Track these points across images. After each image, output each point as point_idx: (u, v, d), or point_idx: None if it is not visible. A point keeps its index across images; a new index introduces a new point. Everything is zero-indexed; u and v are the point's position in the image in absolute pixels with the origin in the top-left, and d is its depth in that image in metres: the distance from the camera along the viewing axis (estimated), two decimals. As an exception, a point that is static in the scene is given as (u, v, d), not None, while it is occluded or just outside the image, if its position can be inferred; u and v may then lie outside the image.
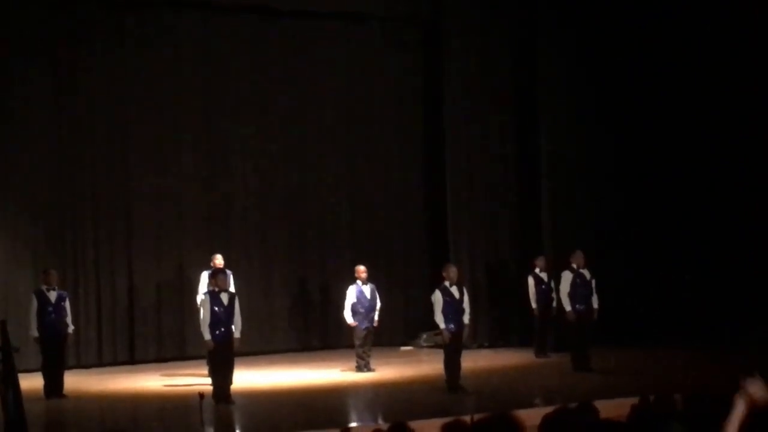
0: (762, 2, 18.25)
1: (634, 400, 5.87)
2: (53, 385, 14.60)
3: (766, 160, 18.38)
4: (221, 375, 13.65)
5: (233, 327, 13.76)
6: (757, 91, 18.43)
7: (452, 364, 14.12)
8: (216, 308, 13.66)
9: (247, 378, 15.11)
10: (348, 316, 16.42)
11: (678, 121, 19.02)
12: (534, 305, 17.73)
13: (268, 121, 19.87)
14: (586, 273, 15.97)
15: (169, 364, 17.81)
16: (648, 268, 18.85)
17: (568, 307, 15.87)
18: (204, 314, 13.85)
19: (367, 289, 16.55)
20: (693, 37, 18.74)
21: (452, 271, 14.33)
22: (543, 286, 17.72)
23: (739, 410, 4.34)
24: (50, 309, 14.78)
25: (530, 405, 12.51)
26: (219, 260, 15.97)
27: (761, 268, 17.96)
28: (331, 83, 20.27)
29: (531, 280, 17.80)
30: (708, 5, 18.57)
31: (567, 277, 15.96)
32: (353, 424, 12.04)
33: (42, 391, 14.48)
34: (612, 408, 5.17)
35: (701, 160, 18.94)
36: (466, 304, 14.17)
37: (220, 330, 13.61)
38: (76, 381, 15.54)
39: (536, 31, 19.44)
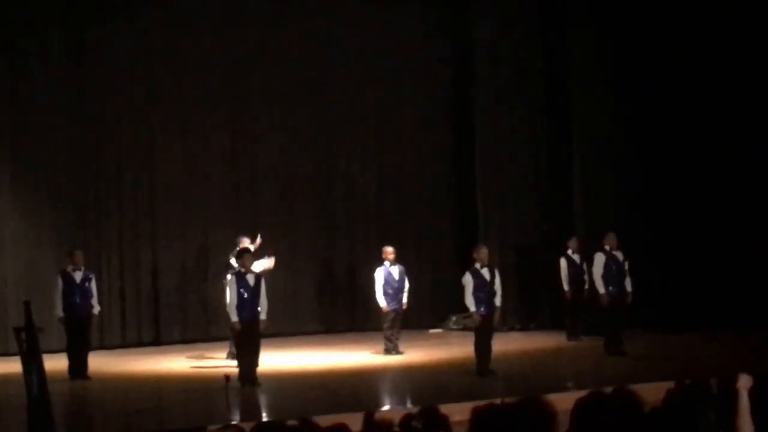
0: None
1: (668, 385, 5.85)
2: (78, 366, 14.73)
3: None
4: (247, 357, 13.70)
5: (259, 309, 13.80)
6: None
7: (483, 347, 14.12)
8: (242, 290, 13.71)
9: (274, 360, 15.16)
10: (381, 299, 16.44)
11: (713, 100, 18.88)
12: (566, 287, 17.69)
13: (296, 101, 19.87)
14: (619, 255, 15.91)
15: (194, 345, 17.91)
16: (681, 251, 18.76)
17: (601, 290, 15.83)
18: (230, 295, 13.91)
19: (395, 270, 16.55)
20: (730, 14, 18.60)
21: (483, 252, 14.30)
22: (575, 268, 17.68)
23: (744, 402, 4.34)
24: (75, 290, 14.89)
25: (562, 389, 12.53)
26: (246, 242, 15.96)
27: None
28: (361, 64, 20.23)
29: (563, 262, 17.76)
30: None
31: (600, 259, 15.91)
32: (382, 408, 12.07)
33: (66, 372, 14.61)
34: (645, 392, 5.15)
35: (736, 141, 18.81)
36: (497, 287, 14.14)
37: (246, 311, 13.67)
38: (100, 362, 15.66)
39: (566, 9, 19.34)
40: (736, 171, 18.72)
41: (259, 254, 15.65)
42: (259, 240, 16.10)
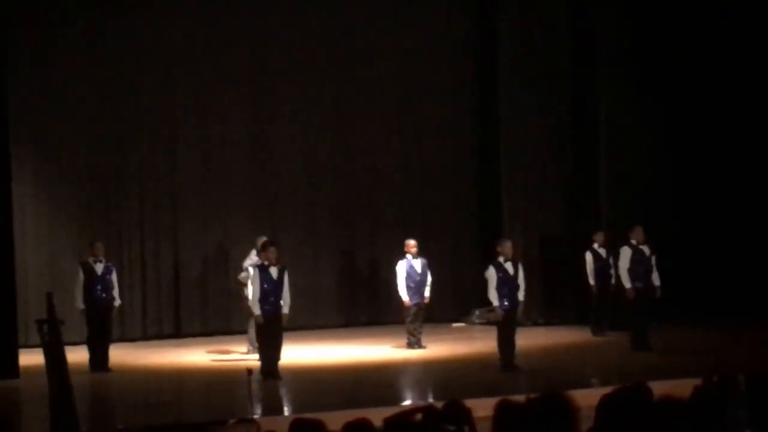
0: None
1: (695, 381, 5.84)
2: (99, 358, 14.83)
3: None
4: (270, 351, 13.74)
5: (282, 302, 13.83)
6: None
7: (506, 342, 14.11)
8: (265, 283, 13.74)
9: (296, 354, 15.20)
10: (403, 294, 16.43)
11: (741, 94, 18.81)
12: (592, 282, 17.65)
13: (317, 94, 19.89)
14: (646, 249, 15.84)
15: (215, 338, 17.97)
16: (709, 244, 18.69)
17: (627, 284, 15.76)
18: (253, 289, 13.94)
19: (417, 264, 16.54)
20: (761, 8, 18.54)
21: (507, 246, 14.28)
22: (601, 263, 17.62)
23: None
24: (97, 282, 14.98)
25: (587, 385, 12.51)
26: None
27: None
28: (384, 55, 20.23)
29: (589, 256, 17.71)
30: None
31: (626, 253, 15.83)
32: (405, 402, 12.09)
33: (87, 364, 14.70)
34: (672, 389, 5.15)
35: (762, 136, 18.74)
36: (521, 281, 14.13)
37: (269, 304, 13.70)
38: (121, 354, 15.76)
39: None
40: (765, 165, 18.63)
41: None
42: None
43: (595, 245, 17.74)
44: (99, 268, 15.08)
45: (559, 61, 19.68)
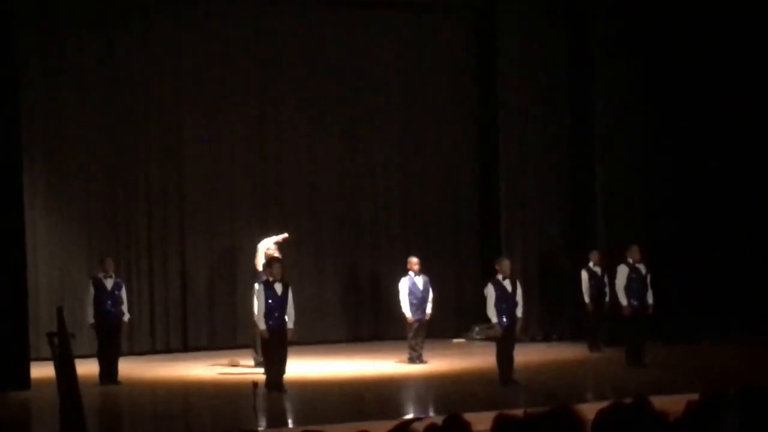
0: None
1: (689, 396, 5.85)
2: (108, 371, 14.84)
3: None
4: (275, 364, 13.76)
5: (287, 317, 13.86)
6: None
7: (505, 357, 14.13)
8: (270, 299, 13.77)
9: (300, 367, 15.21)
10: (406, 310, 16.45)
11: (736, 113, 18.83)
12: (587, 299, 17.67)
13: (321, 109, 19.93)
14: (642, 268, 15.88)
15: (222, 351, 17.97)
16: (704, 263, 18.70)
17: (624, 302, 15.79)
18: (258, 304, 13.98)
19: (419, 281, 16.58)
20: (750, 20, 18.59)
21: (506, 264, 14.32)
22: (596, 281, 17.66)
23: None
24: (106, 297, 15.01)
25: (583, 399, 12.51)
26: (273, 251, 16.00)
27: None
28: (385, 71, 20.28)
29: (584, 274, 17.74)
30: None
31: (623, 271, 15.87)
32: (406, 416, 12.09)
33: (97, 377, 14.72)
34: (666, 404, 5.16)
35: (760, 154, 18.76)
36: (519, 298, 14.16)
37: (273, 320, 13.73)
38: (130, 367, 15.77)
39: (592, 22, 19.34)
40: (758, 187, 18.66)
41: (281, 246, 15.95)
42: (283, 237, 16.23)
43: (591, 264, 17.78)
44: (109, 283, 15.11)
45: (558, 83, 19.74)
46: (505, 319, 14.02)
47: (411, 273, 16.60)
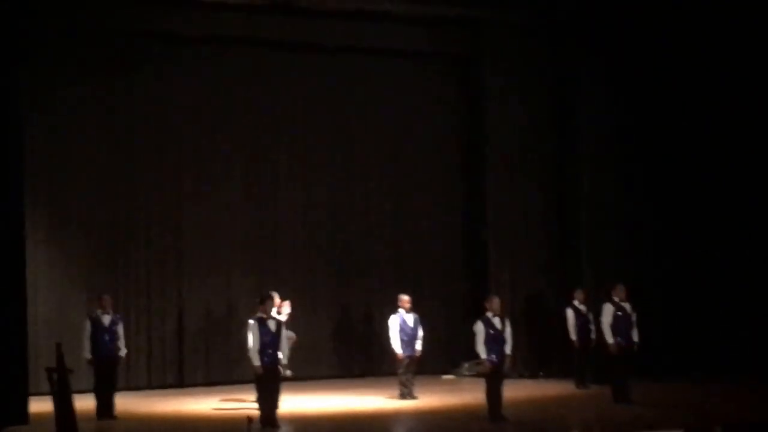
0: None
1: (675, 433, 5.84)
2: (105, 406, 14.72)
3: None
4: (268, 400, 13.68)
5: (280, 354, 13.80)
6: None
7: (494, 393, 14.06)
8: (264, 335, 13.72)
9: (293, 403, 15.13)
10: (396, 346, 16.42)
11: (719, 150, 18.94)
12: (573, 337, 17.65)
13: (315, 154, 20.09)
14: (628, 306, 15.84)
15: (218, 387, 17.88)
16: (687, 300, 18.73)
17: (610, 339, 15.72)
18: (252, 340, 13.91)
19: (410, 318, 16.56)
20: (728, 66, 18.73)
21: (495, 302, 14.29)
22: (582, 318, 17.65)
23: None
24: (104, 333, 14.91)
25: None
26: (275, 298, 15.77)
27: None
28: (375, 118, 20.45)
29: (570, 312, 17.74)
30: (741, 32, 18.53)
31: (609, 310, 15.83)
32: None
33: (94, 412, 14.59)
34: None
35: (741, 195, 18.84)
36: (507, 335, 14.11)
37: (267, 356, 13.67)
38: (126, 403, 15.65)
39: (575, 67, 19.50)
40: (740, 227, 18.72)
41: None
42: (278, 301, 15.88)
43: (576, 302, 17.78)
44: (106, 319, 15.04)
45: (545, 125, 19.87)
46: (494, 356, 13.97)
47: (401, 310, 16.57)
